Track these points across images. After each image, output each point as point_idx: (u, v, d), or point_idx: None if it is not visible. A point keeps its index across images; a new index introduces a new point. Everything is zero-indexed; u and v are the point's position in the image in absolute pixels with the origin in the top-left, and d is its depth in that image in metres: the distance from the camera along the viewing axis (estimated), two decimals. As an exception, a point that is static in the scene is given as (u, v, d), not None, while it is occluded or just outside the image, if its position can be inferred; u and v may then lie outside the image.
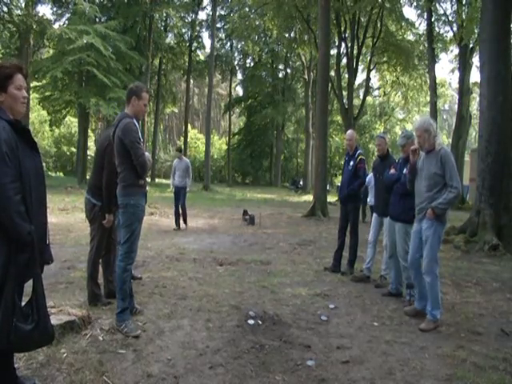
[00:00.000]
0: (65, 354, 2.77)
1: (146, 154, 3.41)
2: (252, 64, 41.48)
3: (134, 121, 3.34)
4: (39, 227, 2.11)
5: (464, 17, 16.08)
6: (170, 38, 35.30)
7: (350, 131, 6.06)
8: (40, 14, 26.05)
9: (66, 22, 25.53)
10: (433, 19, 20.79)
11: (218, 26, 35.02)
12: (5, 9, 23.52)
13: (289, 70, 40.43)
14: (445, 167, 3.61)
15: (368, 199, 9.15)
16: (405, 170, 4.30)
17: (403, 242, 4.34)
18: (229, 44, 38.50)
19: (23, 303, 2.07)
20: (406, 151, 4.42)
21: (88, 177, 22.16)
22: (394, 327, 3.58)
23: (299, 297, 4.45)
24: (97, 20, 24.00)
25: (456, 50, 22.41)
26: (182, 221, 9.46)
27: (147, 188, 3.61)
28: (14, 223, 1.95)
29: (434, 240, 3.65)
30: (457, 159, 20.18)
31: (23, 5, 24.27)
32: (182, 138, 39.82)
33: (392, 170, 4.67)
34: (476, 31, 14.78)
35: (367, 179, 6.68)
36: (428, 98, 24.06)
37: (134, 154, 3.24)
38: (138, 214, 3.34)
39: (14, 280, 1.97)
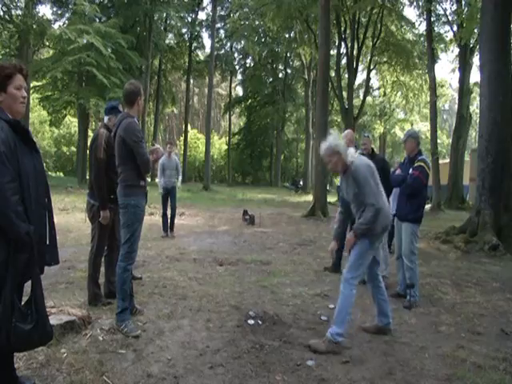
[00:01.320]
0: (65, 354, 2.76)
1: (158, 146, 3.47)
2: (252, 64, 41.44)
3: (136, 120, 3.36)
4: (38, 227, 2.10)
5: (464, 17, 16.05)
6: (169, 38, 35.29)
7: (345, 131, 6.09)
8: (40, 14, 26.09)
9: (66, 21, 25.56)
10: (433, 19, 20.78)
11: (218, 26, 35.03)
12: (4, 9, 23.53)
13: (289, 70, 40.35)
14: (357, 184, 3.13)
15: None
16: (410, 170, 4.43)
17: (409, 242, 4.38)
18: (229, 44, 38.49)
19: (22, 303, 2.07)
20: (407, 148, 4.63)
21: (88, 177, 22.16)
22: (394, 327, 3.57)
23: (299, 297, 4.45)
24: (97, 20, 24.00)
25: (456, 50, 22.40)
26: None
27: (147, 188, 3.61)
28: (12, 223, 1.94)
29: (357, 255, 3.20)
30: (457, 159, 20.24)
31: (23, 5, 24.26)
32: (182, 138, 39.80)
33: (398, 171, 4.78)
34: (476, 31, 14.77)
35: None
36: (428, 98, 24.04)
37: (138, 153, 3.24)
38: (138, 214, 3.35)
39: (13, 280, 1.97)
